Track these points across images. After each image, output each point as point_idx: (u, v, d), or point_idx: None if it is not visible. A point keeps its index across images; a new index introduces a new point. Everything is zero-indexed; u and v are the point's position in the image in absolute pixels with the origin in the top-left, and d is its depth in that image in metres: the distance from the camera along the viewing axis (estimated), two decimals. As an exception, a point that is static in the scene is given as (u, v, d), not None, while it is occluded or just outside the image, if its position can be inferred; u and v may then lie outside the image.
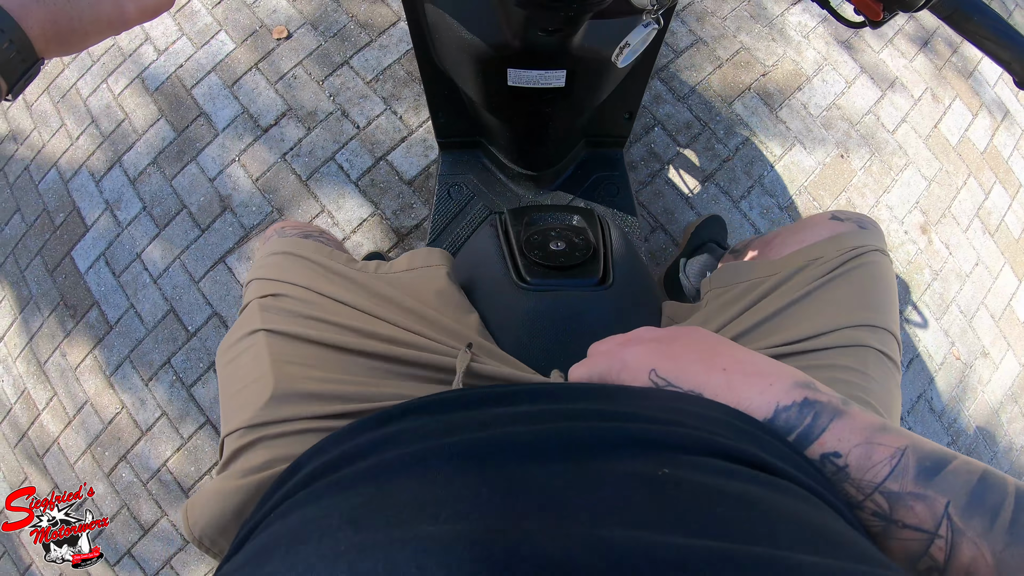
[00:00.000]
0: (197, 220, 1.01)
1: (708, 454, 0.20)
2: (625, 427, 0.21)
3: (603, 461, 0.19)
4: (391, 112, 0.99)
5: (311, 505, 0.20)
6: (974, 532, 0.20)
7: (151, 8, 0.27)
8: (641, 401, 0.24)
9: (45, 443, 1.09)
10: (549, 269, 0.44)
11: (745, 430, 0.22)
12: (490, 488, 0.18)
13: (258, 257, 0.43)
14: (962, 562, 0.20)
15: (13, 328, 1.13)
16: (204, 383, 1.00)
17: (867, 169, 1.09)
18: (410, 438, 0.22)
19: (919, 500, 0.21)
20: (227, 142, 1.02)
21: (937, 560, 0.20)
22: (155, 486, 1.02)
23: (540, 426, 0.21)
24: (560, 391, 0.26)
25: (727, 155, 1.03)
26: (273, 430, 0.32)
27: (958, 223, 1.13)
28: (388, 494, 0.19)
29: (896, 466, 0.21)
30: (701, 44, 1.07)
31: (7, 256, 1.14)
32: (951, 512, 0.20)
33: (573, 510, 0.17)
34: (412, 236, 0.96)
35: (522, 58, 0.47)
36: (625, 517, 0.16)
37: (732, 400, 0.24)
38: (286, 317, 0.37)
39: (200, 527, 0.31)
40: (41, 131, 1.15)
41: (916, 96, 1.16)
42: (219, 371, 0.39)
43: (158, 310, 1.02)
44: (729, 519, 0.17)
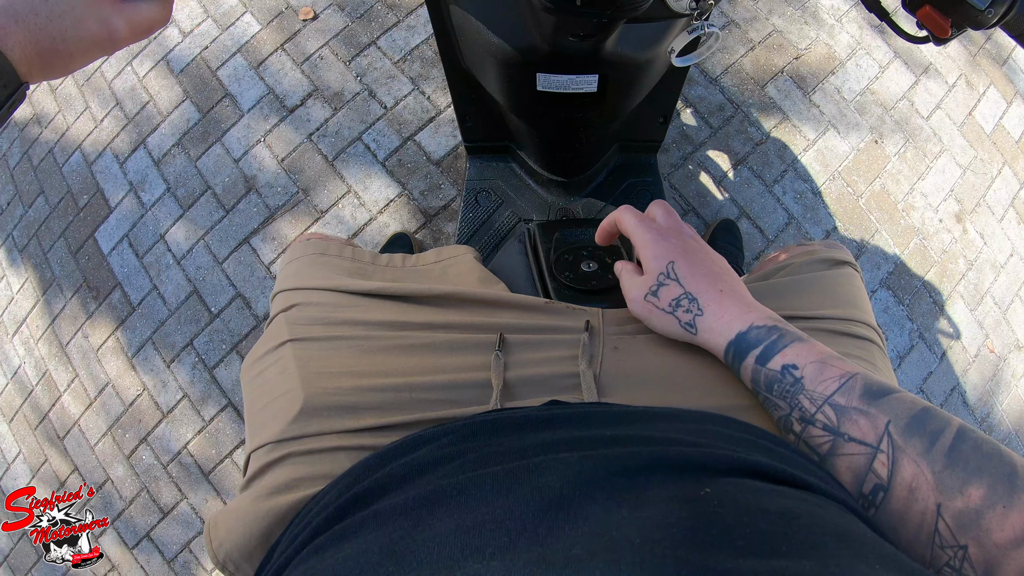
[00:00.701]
0: (221, 201, 1.00)
1: (745, 474, 0.21)
2: (665, 451, 0.21)
3: (645, 485, 0.19)
4: (419, 92, 0.97)
5: (348, 541, 0.20)
6: (914, 451, 0.22)
7: (144, 26, 0.25)
8: (674, 423, 0.25)
9: (66, 425, 1.09)
10: (579, 293, 0.42)
11: (773, 449, 0.24)
12: (535, 519, 0.18)
13: (281, 268, 0.42)
14: (904, 478, 0.22)
15: (36, 310, 1.13)
16: (226, 365, 0.99)
17: (901, 156, 1.07)
18: (447, 470, 0.22)
19: (863, 415, 0.23)
20: (252, 123, 1.01)
21: (881, 476, 0.22)
22: (175, 469, 1.02)
23: (580, 452, 0.21)
24: (595, 417, 0.26)
25: (760, 138, 1.01)
26: (302, 446, 0.31)
27: (993, 212, 1.11)
28: (429, 526, 0.19)
29: (844, 384, 0.24)
30: (733, 26, 1.05)
31: (31, 238, 1.14)
32: (891, 430, 0.22)
33: (622, 534, 0.16)
34: (439, 217, 0.95)
35: (552, 62, 0.45)
36: (674, 538, 0.16)
37: (717, 312, 0.29)
38: (313, 324, 0.36)
39: (225, 551, 0.30)
40: (65, 114, 1.15)
41: (950, 83, 1.13)
42: (245, 386, 0.37)
43: (181, 291, 1.01)
44: (774, 535, 0.17)
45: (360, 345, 0.34)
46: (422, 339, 0.34)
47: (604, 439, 0.23)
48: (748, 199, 1.00)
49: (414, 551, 0.17)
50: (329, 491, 0.26)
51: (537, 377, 0.33)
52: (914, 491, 0.22)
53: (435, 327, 0.35)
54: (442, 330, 0.35)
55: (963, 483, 0.21)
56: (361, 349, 0.34)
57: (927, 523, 0.21)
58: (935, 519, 0.21)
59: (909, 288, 1.03)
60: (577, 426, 0.25)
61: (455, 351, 0.34)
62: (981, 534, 0.20)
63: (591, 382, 0.32)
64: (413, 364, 0.33)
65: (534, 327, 0.36)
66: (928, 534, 0.21)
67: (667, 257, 0.31)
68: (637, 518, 0.17)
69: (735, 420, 0.27)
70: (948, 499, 0.21)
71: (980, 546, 0.20)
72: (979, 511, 0.20)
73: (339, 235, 0.97)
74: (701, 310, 0.30)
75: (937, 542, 0.21)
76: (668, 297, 0.31)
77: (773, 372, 0.27)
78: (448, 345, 0.34)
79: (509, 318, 0.36)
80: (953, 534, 0.20)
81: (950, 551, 0.20)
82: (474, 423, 0.26)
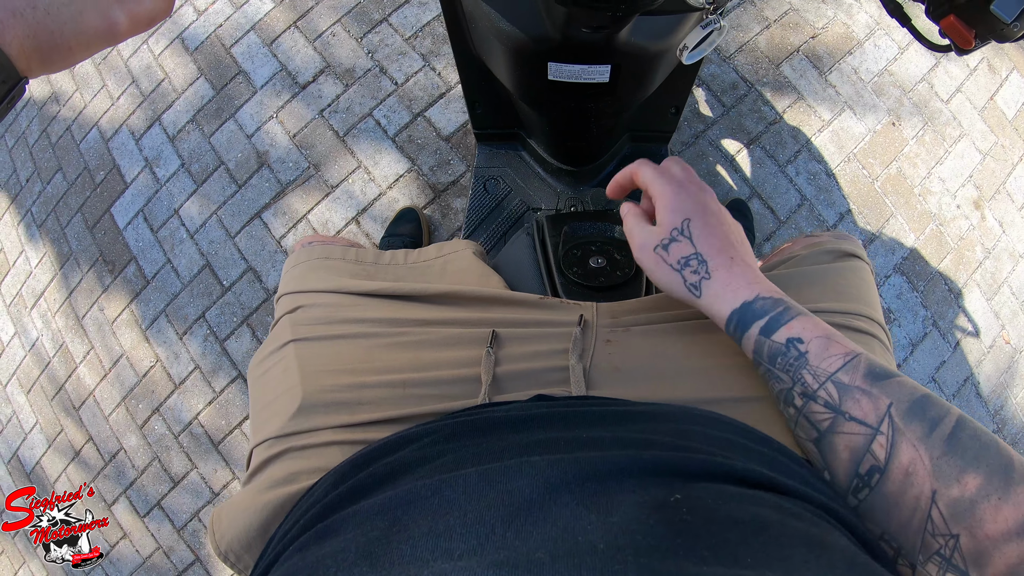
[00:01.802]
0: (234, 176, 1.02)
1: (720, 479, 0.21)
2: (640, 455, 0.21)
3: (616, 489, 0.19)
4: (430, 68, 0.98)
5: (328, 539, 0.20)
6: (913, 435, 0.21)
7: (145, 18, 0.24)
8: (654, 424, 0.25)
9: (81, 396, 1.11)
10: (587, 289, 0.42)
11: (755, 449, 0.24)
12: (503, 522, 0.18)
13: (285, 272, 0.43)
14: (902, 462, 0.21)
15: (53, 284, 1.15)
16: (237, 337, 1.00)
17: (919, 139, 1.04)
18: (425, 470, 0.23)
19: (865, 395, 0.23)
20: (265, 99, 1.02)
21: (879, 458, 0.22)
22: (186, 439, 1.04)
23: (554, 455, 0.21)
24: (573, 417, 0.26)
25: (774, 118, 0.99)
26: (300, 441, 0.32)
27: (1013, 200, 1.08)
28: (404, 527, 0.19)
29: (848, 362, 0.24)
30: (748, 3, 1.03)
31: (49, 214, 1.17)
32: (893, 412, 0.22)
33: (587, 539, 0.17)
34: (448, 192, 0.95)
35: (564, 52, 0.44)
36: (637, 545, 0.16)
37: (725, 278, 0.29)
38: (315, 324, 0.37)
39: (227, 542, 0.31)
40: (83, 92, 1.17)
41: (972, 66, 1.10)
42: (250, 385, 0.39)
43: (194, 265, 1.03)
44: (741, 545, 0.17)
45: (358, 342, 0.35)
46: (418, 335, 0.35)
47: (580, 441, 0.23)
48: (760, 179, 0.99)
49: (388, 552, 0.18)
50: (317, 488, 0.27)
51: (527, 371, 0.33)
52: (910, 476, 0.21)
53: (431, 323, 0.36)
54: (437, 326, 0.36)
55: (960, 471, 0.21)
56: (359, 346, 0.35)
57: (921, 509, 0.21)
58: (929, 506, 0.21)
59: (924, 274, 1.01)
60: (555, 427, 0.25)
61: (449, 347, 0.35)
62: (974, 525, 0.20)
63: (580, 376, 0.32)
64: (408, 360, 0.34)
65: (528, 322, 0.36)
66: (921, 520, 0.21)
67: (684, 213, 0.30)
68: (603, 523, 0.18)
69: (720, 419, 0.26)
70: (944, 486, 0.21)
71: (972, 537, 0.20)
72: (974, 501, 0.20)
73: (345, 222, 0.98)
74: (709, 274, 0.29)
75: (929, 529, 0.21)
76: (678, 254, 0.30)
77: (777, 344, 0.26)
78: (442, 341, 0.35)
79: (504, 313, 0.37)
80: (946, 522, 0.20)
81: (941, 539, 0.20)
82: (455, 423, 0.26)
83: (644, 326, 0.35)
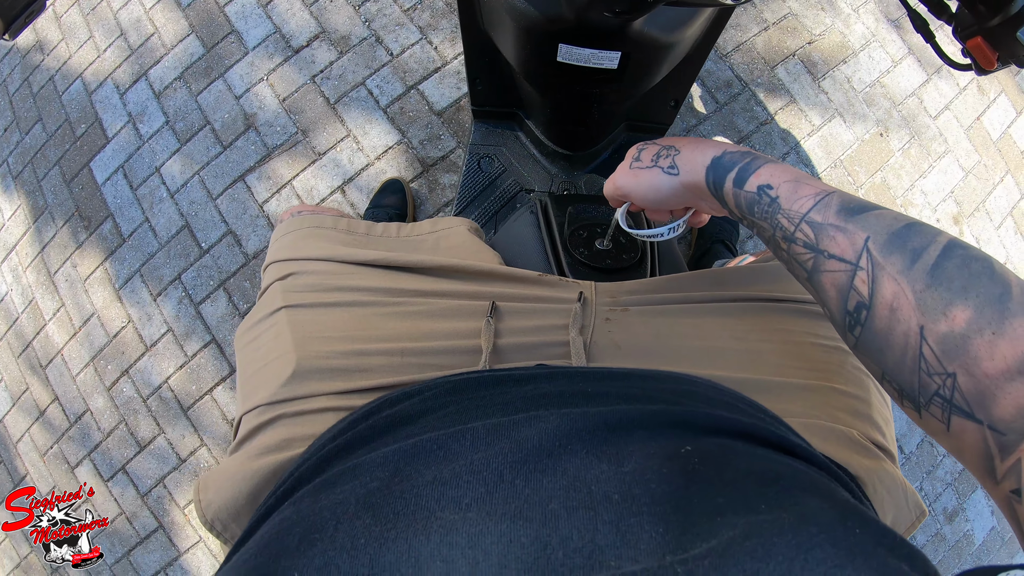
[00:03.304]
0: (220, 137, 0.99)
1: (727, 434, 0.20)
2: (647, 408, 0.21)
3: (626, 441, 0.19)
4: (426, 42, 0.96)
5: (325, 492, 0.19)
6: (893, 268, 0.20)
7: None
8: (658, 384, 0.25)
9: (49, 354, 1.08)
10: (593, 270, 0.42)
11: (755, 415, 0.23)
12: (512, 468, 0.17)
13: (274, 241, 0.42)
14: (885, 297, 0.20)
15: (26, 237, 1.12)
16: (212, 301, 0.99)
17: (905, 151, 1.06)
18: (428, 422, 0.22)
19: (840, 231, 0.22)
20: (256, 61, 1.00)
21: (862, 294, 0.21)
22: (155, 403, 1.02)
23: (561, 408, 0.21)
24: (578, 373, 0.26)
25: (765, 118, 1.00)
26: (293, 407, 0.31)
27: (991, 219, 1.10)
28: (407, 477, 0.18)
29: (820, 201, 0.23)
30: (748, 4, 1.04)
31: (25, 165, 1.13)
32: (870, 246, 0.21)
33: (600, 490, 0.16)
34: (437, 167, 0.94)
35: (576, 34, 0.44)
36: (653, 494, 0.16)
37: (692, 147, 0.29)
38: (308, 291, 0.36)
39: (213, 510, 0.30)
40: (69, 42, 1.13)
41: (962, 85, 1.12)
42: (239, 352, 0.37)
43: (173, 225, 1.00)
44: (756, 494, 0.16)
45: (354, 311, 0.34)
46: (415, 306, 0.34)
47: (586, 395, 0.23)
48: (748, 179, 0.99)
49: (391, 502, 0.17)
50: (313, 446, 0.26)
51: (527, 344, 0.33)
52: (895, 311, 0.20)
53: (428, 294, 0.35)
54: (435, 297, 0.35)
55: (947, 304, 0.19)
56: (355, 315, 0.34)
57: (911, 346, 0.19)
58: (919, 342, 0.19)
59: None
60: (560, 382, 0.24)
61: (448, 318, 0.34)
62: (969, 362, 0.18)
63: (580, 348, 0.32)
64: (406, 329, 0.33)
65: (527, 297, 0.36)
66: (913, 358, 0.19)
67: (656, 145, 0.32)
68: (616, 473, 0.17)
69: (719, 385, 0.26)
70: (931, 321, 0.19)
71: (970, 375, 0.18)
72: (965, 336, 0.18)
73: (330, 190, 0.96)
74: (678, 151, 0.30)
75: (923, 368, 0.19)
76: (649, 155, 0.31)
77: (750, 194, 0.26)
78: (441, 312, 0.34)
79: (502, 288, 0.36)
80: (939, 360, 0.18)
81: (938, 378, 0.18)
82: (458, 379, 0.25)
83: (642, 307, 0.35)
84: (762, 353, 0.34)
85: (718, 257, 0.87)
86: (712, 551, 0.13)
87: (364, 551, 0.15)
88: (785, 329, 0.35)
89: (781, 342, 0.35)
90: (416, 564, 0.14)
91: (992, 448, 0.17)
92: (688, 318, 0.35)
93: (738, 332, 0.35)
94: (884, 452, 0.33)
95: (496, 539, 0.15)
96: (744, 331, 0.35)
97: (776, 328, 0.35)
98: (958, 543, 1.04)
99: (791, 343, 0.35)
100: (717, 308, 0.36)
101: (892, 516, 0.31)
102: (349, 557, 0.15)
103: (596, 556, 0.14)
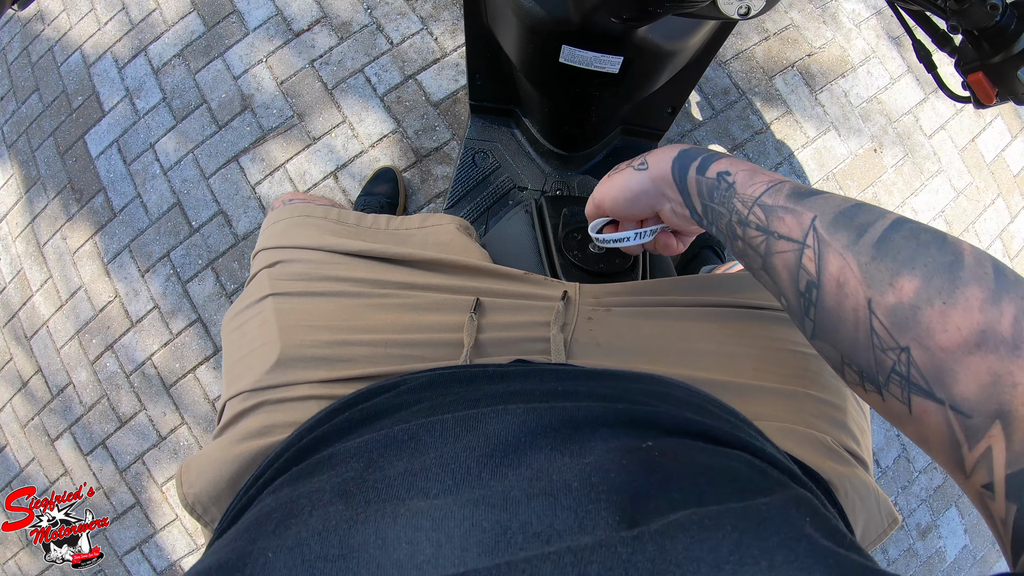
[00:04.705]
0: (216, 116, 0.99)
1: (692, 436, 0.21)
2: (613, 407, 0.21)
3: (590, 436, 0.19)
4: (427, 32, 0.96)
5: (303, 480, 0.20)
6: (839, 244, 0.20)
7: None
8: (627, 383, 0.25)
9: (35, 325, 1.08)
10: (586, 273, 0.42)
11: (724, 417, 0.24)
12: (479, 462, 0.18)
13: (264, 228, 0.42)
14: (831, 272, 0.20)
15: (17, 207, 1.11)
16: (200, 280, 0.98)
17: (898, 168, 1.07)
18: (401, 416, 0.23)
19: (789, 213, 0.23)
20: (256, 42, 1.00)
21: (811, 272, 0.21)
22: (138, 379, 1.01)
23: (530, 404, 0.21)
24: (549, 373, 0.26)
25: (760, 127, 1.01)
26: (276, 395, 0.31)
27: (979, 240, 1.11)
28: (379, 468, 0.19)
29: (772, 187, 0.24)
30: (751, 13, 1.04)
31: (20, 135, 1.12)
32: (816, 224, 0.21)
33: (561, 478, 0.17)
34: (431, 158, 0.94)
35: (580, 37, 0.44)
36: (612, 483, 0.16)
37: (660, 150, 0.31)
38: (295, 280, 0.36)
39: (194, 494, 0.30)
40: (70, 14, 1.13)
41: (958, 107, 1.13)
42: (225, 338, 0.38)
43: (164, 202, 1.00)
44: (712, 490, 0.17)
45: (340, 301, 0.35)
46: (401, 298, 0.35)
47: (555, 393, 0.23)
48: (741, 187, 1.00)
49: (364, 491, 0.18)
50: (292, 437, 0.26)
51: (508, 339, 0.33)
52: (842, 286, 0.19)
53: (414, 287, 0.36)
54: (420, 291, 0.36)
55: (893, 275, 0.18)
56: (341, 305, 0.34)
57: (862, 321, 0.19)
58: (868, 316, 0.18)
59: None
60: (531, 380, 0.25)
61: (432, 311, 0.35)
62: (922, 334, 0.17)
63: (560, 345, 0.32)
64: (390, 321, 0.34)
65: (512, 293, 0.36)
66: (866, 334, 0.19)
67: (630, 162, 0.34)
68: (577, 464, 0.17)
69: (690, 387, 0.26)
70: (878, 293, 0.18)
71: (924, 349, 0.17)
72: (914, 307, 0.17)
73: (323, 175, 0.96)
74: (649, 153, 0.32)
75: (876, 343, 0.18)
76: (624, 164, 0.34)
77: (711, 180, 0.27)
78: (426, 305, 0.35)
79: (488, 284, 0.37)
80: (891, 334, 0.18)
81: (892, 354, 0.18)
82: (432, 374, 0.26)
83: (625, 308, 0.36)
84: (740, 357, 0.35)
85: (706, 263, 0.88)
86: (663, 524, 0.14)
87: (335, 533, 0.16)
88: (765, 336, 0.36)
89: (760, 348, 0.35)
90: (383, 546, 0.15)
91: (958, 434, 0.16)
92: (669, 321, 0.36)
93: (718, 336, 0.35)
94: (857, 459, 0.33)
95: (459, 523, 0.15)
96: (724, 336, 0.35)
97: (756, 334, 0.36)
98: (930, 559, 1.05)
99: (770, 349, 0.35)
100: (699, 312, 0.36)
101: (863, 522, 0.31)
102: (320, 539, 0.15)
103: (554, 540, 0.15)
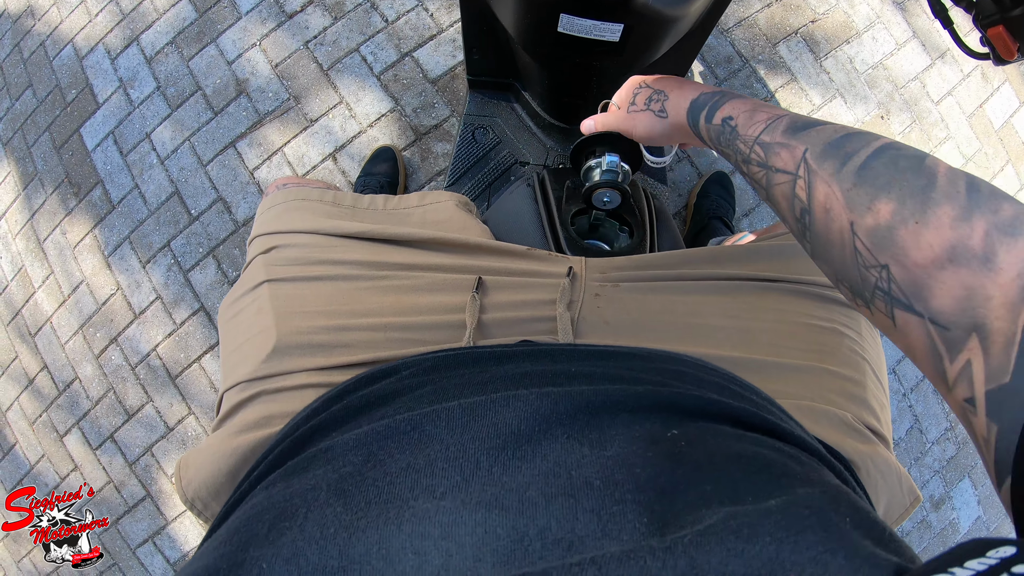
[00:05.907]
0: (211, 103, 0.98)
1: (715, 418, 0.20)
2: (632, 389, 0.20)
3: (609, 424, 0.18)
4: (422, 8, 0.95)
5: (297, 476, 0.19)
6: (826, 172, 0.22)
7: None
8: (644, 363, 0.24)
9: (38, 321, 1.08)
10: (591, 247, 0.42)
11: (745, 396, 0.23)
12: (490, 455, 0.17)
13: (259, 214, 0.41)
14: (819, 199, 0.22)
15: (16, 204, 1.11)
16: (201, 269, 0.98)
17: (905, 135, 1.05)
18: (404, 402, 0.21)
19: (784, 147, 0.24)
20: (249, 26, 0.98)
21: (803, 200, 0.23)
22: (143, 371, 1.01)
23: (542, 388, 0.20)
24: (561, 353, 0.25)
25: (765, 96, 0.99)
26: (273, 384, 0.30)
27: (991, 207, 1.10)
28: (380, 462, 0.18)
29: (770, 124, 0.26)
30: (752, -21, 1.02)
31: (15, 131, 1.12)
32: (807, 156, 0.23)
33: (581, 475, 0.16)
34: (430, 136, 0.93)
35: (578, 4, 0.43)
36: (637, 480, 0.15)
37: (678, 92, 0.32)
38: (291, 265, 0.35)
39: (193, 488, 0.30)
40: (60, 7, 1.12)
41: (966, 72, 1.11)
42: (221, 328, 0.37)
43: (162, 192, 0.99)
44: (744, 482, 0.16)
45: (337, 285, 0.34)
46: (400, 279, 0.34)
47: (568, 374, 0.22)
48: (746, 158, 0.98)
49: (363, 490, 0.16)
50: (287, 427, 0.25)
51: (513, 319, 0.33)
52: (828, 211, 0.21)
53: (414, 268, 0.35)
54: (420, 271, 0.35)
55: (871, 199, 0.20)
56: (338, 289, 0.34)
57: (847, 243, 0.20)
58: (852, 238, 0.20)
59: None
60: (542, 361, 0.24)
61: (432, 292, 0.34)
62: (898, 253, 0.19)
63: (567, 324, 0.31)
64: (389, 304, 0.33)
65: (515, 271, 0.35)
66: (851, 254, 0.20)
67: (634, 82, 0.36)
68: (598, 458, 0.16)
69: (708, 364, 0.26)
70: (858, 216, 0.20)
71: (902, 266, 0.18)
72: (891, 227, 0.19)
73: (322, 157, 0.95)
74: (667, 96, 0.33)
75: (860, 262, 0.20)
76: (643, 99, 0.35)
77: (716, 126, 0.29)
78: (426, 286, 0.34)
79: (490, 262, 0.36)
80: (872, 253, 0.19)
81: (874, 271, 0.19)
82: (436, 357, 0.25)
83: (633, 283, 0.35)
84: (756, 332, 0.34)
85: (715, 234, 0.86)
86: (696, 532, 0.13)
87: (333, 542, 0.14)
88: (781, 309, 0.35)
89: (776, 321, 0.35)
90: (387, 557, 0.14)
91: (939, 346, 0.17)
92: (680, 295, 0.35)
93: (732, 310, 0.35)
94: (878, 436, 0.32)
95: (471, 530, 0.14)
96: (738, 309, 0.35)
97: (771, 308, 0.35)
98: (943, 531, 1.04)
99: (786, 323, 0.35)
100: (711, 286, 0.36)
101: (886, 501, 0.31)
102: (318, 548, 0.14)
103: (576, 547, 0.14)
